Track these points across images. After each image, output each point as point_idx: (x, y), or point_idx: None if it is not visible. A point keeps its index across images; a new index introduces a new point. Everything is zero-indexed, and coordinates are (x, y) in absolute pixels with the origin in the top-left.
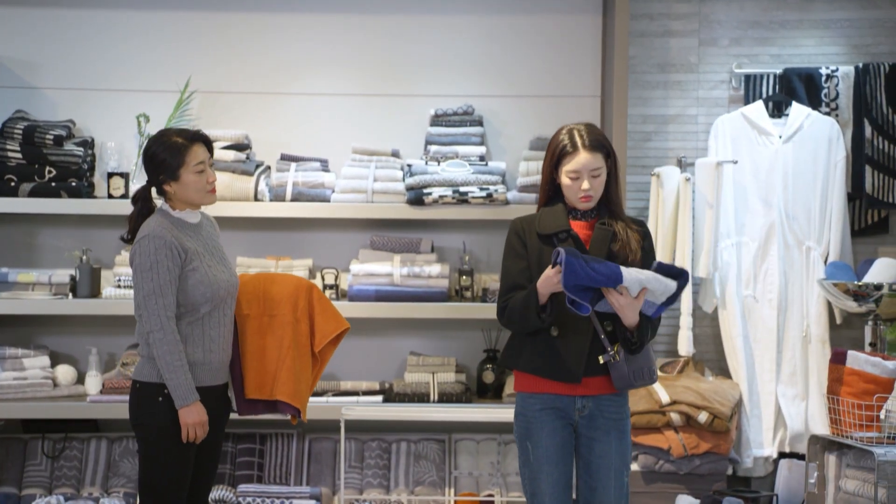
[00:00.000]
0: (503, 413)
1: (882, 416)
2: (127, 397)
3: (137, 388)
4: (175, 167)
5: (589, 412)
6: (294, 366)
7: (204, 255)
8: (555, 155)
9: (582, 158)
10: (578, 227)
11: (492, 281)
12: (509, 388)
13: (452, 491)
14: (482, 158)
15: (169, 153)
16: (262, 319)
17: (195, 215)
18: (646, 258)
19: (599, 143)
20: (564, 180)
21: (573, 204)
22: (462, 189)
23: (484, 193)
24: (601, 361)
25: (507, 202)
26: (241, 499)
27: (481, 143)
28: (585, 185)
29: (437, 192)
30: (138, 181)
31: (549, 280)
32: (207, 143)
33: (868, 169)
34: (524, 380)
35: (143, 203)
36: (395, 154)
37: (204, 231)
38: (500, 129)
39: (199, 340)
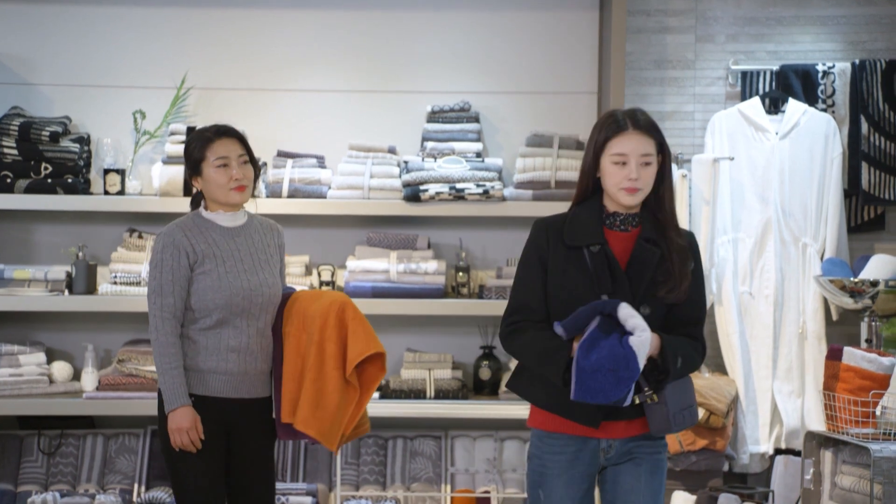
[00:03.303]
0: (500, 409)
1: (878, 413)
2: (123, 394)
3: (160, 394)
4: (197, 161)
5: (616, 453)
6: (312, 390)
7: (226, 259)
8: (598, 138)
9: (632, 139)
10: (615, 240)
11: (489, 277)
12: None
13: (449, 487)
14: (479, 155)
15: (195, 147)
16: (301, 338)
17: (233, 218)
18: (695, 288)
19: (653, 126)
20: (607, 167)
21: (615, 197)
22: (459, 185)
23: (481, 190)
24: (636, 402)
25: (503, 199)
26: None
27: (478, 140)
28: (633, 172)
29: (433, 188)
30: (134, 177)
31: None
32: (240, 139)
33: (864, 165)
34: (539, 415)
35: (194, 204)
36: (392, 150)
37: (246, 236)
38: (497, 125)
39: (213, 348)
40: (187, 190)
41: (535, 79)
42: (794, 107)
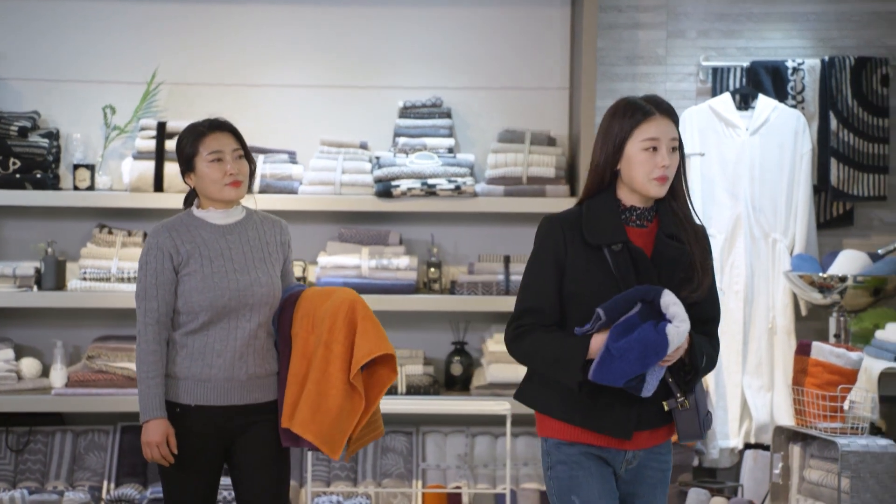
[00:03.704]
0: (471, 405)
1: (846, 407)
2: (92, 390)
3: None
4: (190, 156)
5: (638, 463)
6: (313, 392)
7: (213, 259)
8: (623, 125)
9: (660, 123)
10: (635, 237)
11: (460, 273)
12: (478, 380)
13: (420, 483)
14: (451, 150)
15: (187, 141)
16: (309, 339)
17: (227, 215)
18: (713, 284)
19: (675, 113)
20: (636, 155)
21: (643, 188)
22: (430, 181)
23: (452, 186)
24: (666, 409)
25: (475, 194)
26: None
27: (450, 136)
28: (665, 158)
29: (405, 184)
30: (104, 173)
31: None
32: (234, 132)
33: (833, 161)
34: (557, 425)
35: (187, 203)
36: (364, 146)
37: (240, 233)
38: (469, 121)
39: (199, 354)
40: (158, 185)
41: (507, 74)
42: (764, 103)
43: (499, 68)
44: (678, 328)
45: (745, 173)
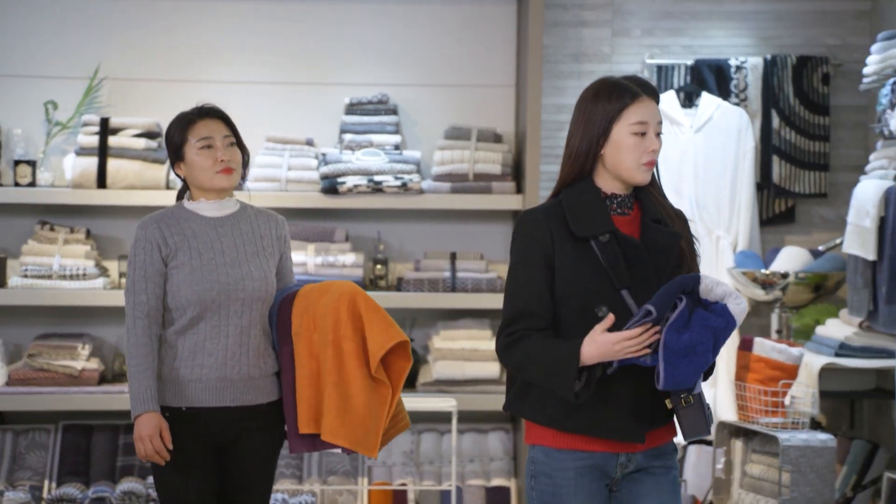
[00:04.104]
0: (417, 402)
1: (787, 402)
2: (33, 389)
3: None
4: (178, 145)
5: (635, 467)
6: (335, 395)
7: (203, 252)
8: (610, 107)
9: (649, 105)
10: (620, 225)
11: (407, 270)
12: (424, 376)
13: (366, 480)
14: (397, 147)
15: (175, 130)
16: (313, 337)
17: (219, 207)
18: (699, 270)
19: (658, 93)
20: (624, 139)
21: (630, 174)
22: (377, 178)
23: (399, 182)
24: (669, 406)
25: (421, 191)
26: (151, 491)
27: (396, 132)
28: (654, 141)
29: (351, 180)
30: (46, 169)
31: (609, 347)
32: (225, 119)
33: (776, 159)
34: (547, 432)
35: (179, 196)
36: (310, 143)
37: (232, 226)
38: (416, 117)
39: (189, 353)
40: (101, 182)
41: (454, 71)
42: (707, 101)
43: (445, 65)
44: (739, 304)
45: (689, 171)
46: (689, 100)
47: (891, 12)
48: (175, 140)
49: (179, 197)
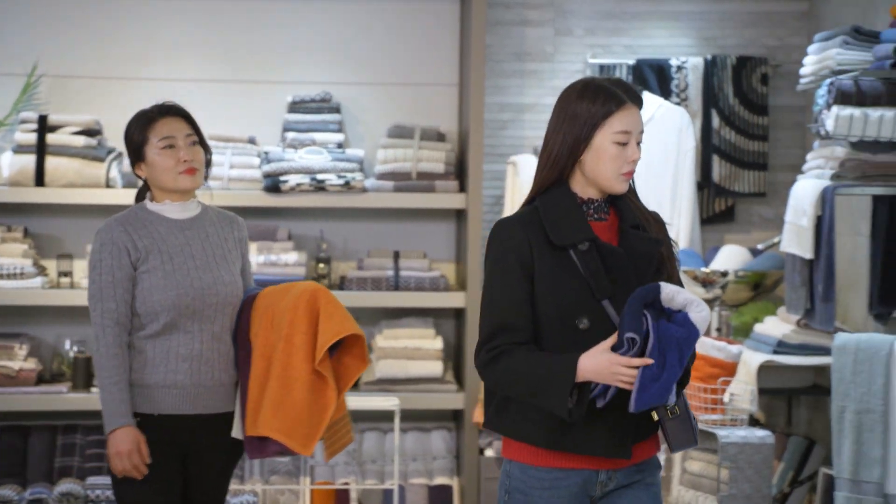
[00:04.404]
0: (359, 402)
1: (726, 399)
2: None
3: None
4: (139, 145)
5: (615, 484)
6: (276, 387)
7: (174, 255)
8: (595, 111)
9: (632, 114)
10: (597, 232)
11: (350, 269)
12: (367, 375)
13: (308, 480)
14: (340, 146)
15: (136, 129)
16: (269, 338)
17: (183, 208)
18: (679, 275)
19: (642, 100)
20: (606, 147)
21: (608, 184)
22: (319, 176)
23: (342, 181)
24: (655, 418)
25: (364, 190)
26: (89, 492)
27: (339, 131)
28: (636, 152)
29: (294, 179)
30: None
31: (606, 367)
32: (187, 117)
33: (716, 158)
34: (526, 448)
35: (139, 198)
36: (252, 141)
37: (198, 229)
38: (359, 116)
39: (161, 359)
40: (39, 180)
41: (397, 70)
42: (649, 100)
43: (389, 64)
44: (700, 312)
45: None
46: None
47: (828, 14)
48: (135, 140)
49: (140, 198)
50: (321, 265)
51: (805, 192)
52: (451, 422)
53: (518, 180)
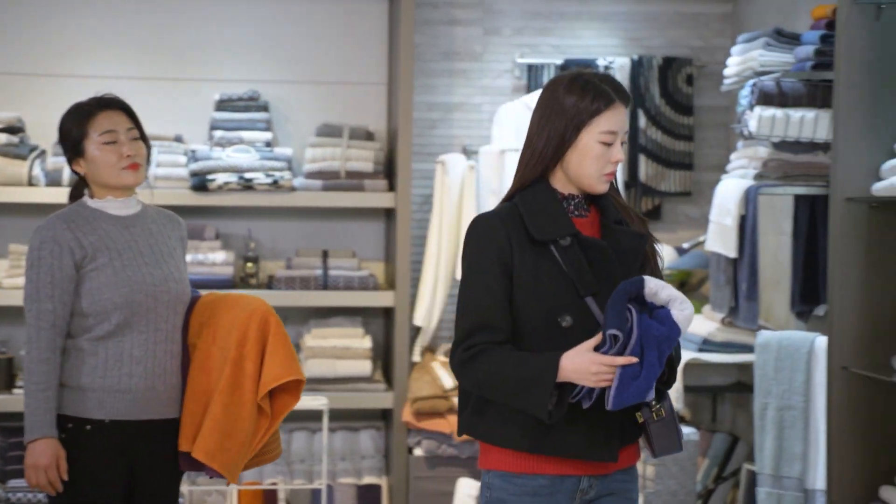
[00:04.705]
0: None
1: None
2: None
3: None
4: (77, 140)
5: (595, 493)
6: (224, 416)
7: (123, 252)
8: (584, 107)
9: (619, 113)
10: (579, 228)
11: (278, 268)
12: None
13: None
14: (268, 144)
15: (72, 123)
16: (211, 351)
17: (125, 205)
18: (660, 273)
19: (629, 98)
20: (591, 147)
21: (589, 184)
22: (247, 175)
23: (270, 180)
24: (640, 420)
25: (293, 189)
26: (10, 495)
27: (267, 129)
28: (619, 153)
29: (221, 178)
30: None
31: (587, 366)
32: (127, 111)
33: (643, 158)
34: (505, 456)
35: (74, 195)
36: (179, 139)
37: (142, 226)
38: (287, 114)
39: (114, 361)
40: None
41: (326, 69)
42: None
43: (317, 62)
44: (683, 311)
45: None
46: None
47: (750, 15)
48: (73, 134)
49: (75, 195)
50: (249, 264)
51: (729, 191)
52: (380, 421)
53: (447, 179)
